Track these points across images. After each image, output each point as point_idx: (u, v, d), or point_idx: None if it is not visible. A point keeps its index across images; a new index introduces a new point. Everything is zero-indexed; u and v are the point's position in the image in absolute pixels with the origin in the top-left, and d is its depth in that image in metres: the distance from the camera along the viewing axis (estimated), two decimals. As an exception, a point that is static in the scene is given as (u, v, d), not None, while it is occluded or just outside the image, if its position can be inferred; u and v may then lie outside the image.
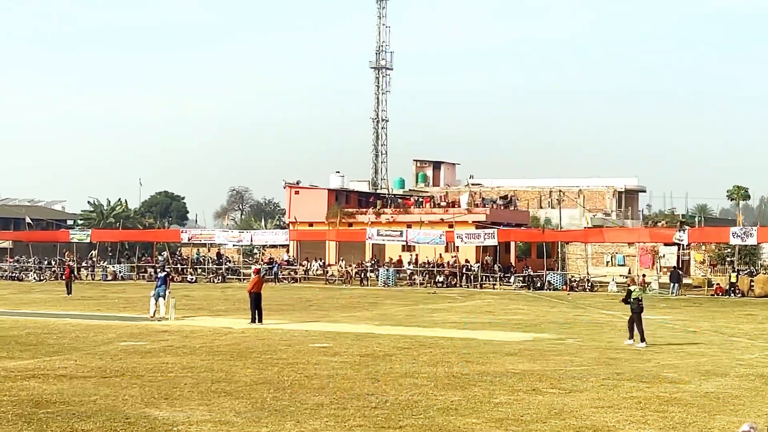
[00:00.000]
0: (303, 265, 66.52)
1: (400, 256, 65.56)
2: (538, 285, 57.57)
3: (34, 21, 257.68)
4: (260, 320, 30.66)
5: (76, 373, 18.81)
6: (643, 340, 24.66)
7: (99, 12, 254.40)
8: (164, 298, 32.81)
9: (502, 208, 73.81)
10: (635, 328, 25.00)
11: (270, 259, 68.71)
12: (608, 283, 57.39)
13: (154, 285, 34.97)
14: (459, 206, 70.01)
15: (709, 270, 63.81)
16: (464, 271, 60.88)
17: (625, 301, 25.81)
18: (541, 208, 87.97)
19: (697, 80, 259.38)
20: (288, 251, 71.20)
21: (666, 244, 63.43)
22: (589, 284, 57.53)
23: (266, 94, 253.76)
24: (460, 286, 58.93)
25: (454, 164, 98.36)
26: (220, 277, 65.22)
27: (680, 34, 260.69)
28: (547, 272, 59.36)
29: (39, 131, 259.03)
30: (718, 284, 54.18)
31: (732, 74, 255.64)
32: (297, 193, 75.61)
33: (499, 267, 61.74)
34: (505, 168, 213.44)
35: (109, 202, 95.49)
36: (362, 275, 62.50)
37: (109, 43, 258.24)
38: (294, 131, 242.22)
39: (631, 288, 26.06)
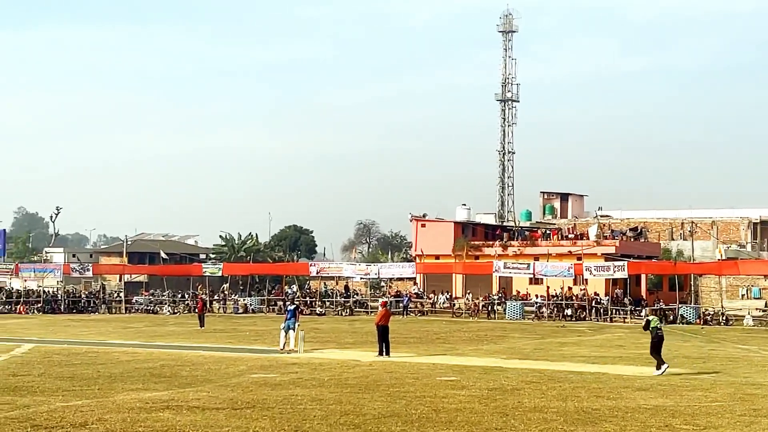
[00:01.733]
0: (429, 298, 66.48)
1: (527, 289, 64.96)
2: (671, 318, 56.24)
3: (166, 61, 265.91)
4: (387, 353, 30.72)
5: (208, 404, 19.15)
6: (659, 366, 25.69)
7: (226, 50, 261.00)
8: (294, 331, 33.15)
9: (631, 240, 72.54)
10: (655, 354, 26.11)
11: (397, 292, 68.91)
12: (744, 316, 55.68)
13: (283, 318, 35.38)
14: (587, 238, 69.09)
15: None
16: (593, 304, 59.93)
17: (645, 328, 27.05)
18: (673, 239, 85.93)
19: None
20: (415, 284, 71.31)
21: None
22: (724, 318, 55.92)
23: (392, 127, 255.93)
24: (590, 319, 58.00)
25: (581, 196, 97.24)
26: (347, 310, 65.68)
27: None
28: (680, 305, 57.96)
29: (172, 168, 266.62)
30: None
31: None
32: (423, 226, 75.79)
33: (629, 300, 60.51)
34: (634, 199, 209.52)
35: (240, 236, 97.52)
36: (489, 308, 62.12)
37: (237, 81, 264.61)
38: (420, 164, 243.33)
39: (650, 318, 27.35)
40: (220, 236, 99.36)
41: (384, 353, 30.67)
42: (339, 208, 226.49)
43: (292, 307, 35.80)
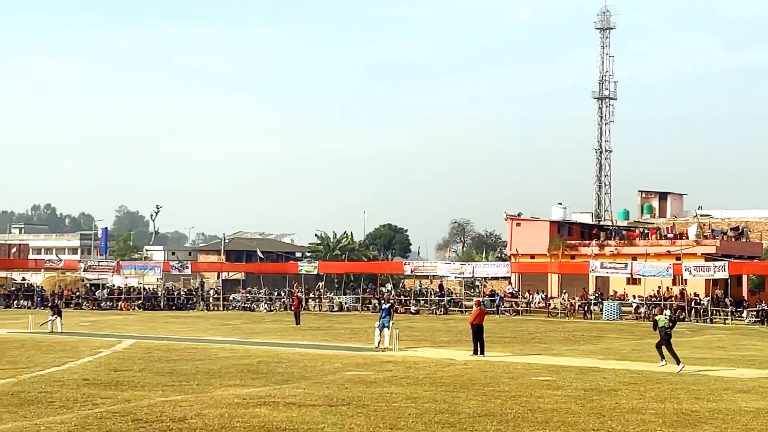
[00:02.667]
0: (525, 298, 66.01)
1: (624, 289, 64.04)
2: (773, 320, 54.89)
3: (266, 62, 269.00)
4: (482, 352, 30.61)
5: (304, 401, 19.31)
6: (678, 362, 26.62)
7: (325, 51, 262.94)
8: (388, 329, 33.21)
9: (732, 239, 70.94)
10: (668, 352, 27.21)
11: (492, 291, 68.59)
12: None
13: (378, 316, 35.50)
14: (686, 238, 67.80)
15: None
16: (693, 305, 58.78)
17: (654, 329, 28.22)
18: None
19: None
20: (510, 283, 70.87)
21: None
22: (830, 319, 54.38)
23: (488, 125, 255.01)
24: (689, 320, 56.91)
25: (681, 195, 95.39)
26: (442, 309, 65.58)
27: None
28: (783, 306, 56.49)
29: (269, 168, 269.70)
30: None
31: None
32: (518, 225, 75.26)
33: (730, 301, 59.17)
34: (735, 198, 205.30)
35: (336, 234, 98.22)
36: (585, 308, 61.42)
37: (335, 82, 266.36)
38: (515, 163, 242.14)
39: (657, 318, 28.84)
40: (316, 235, 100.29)
41: (479, 352, 30.58)
42: (434, 207, 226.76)
43: (387, 305, 35.90)
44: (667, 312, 33.97)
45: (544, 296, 65.69)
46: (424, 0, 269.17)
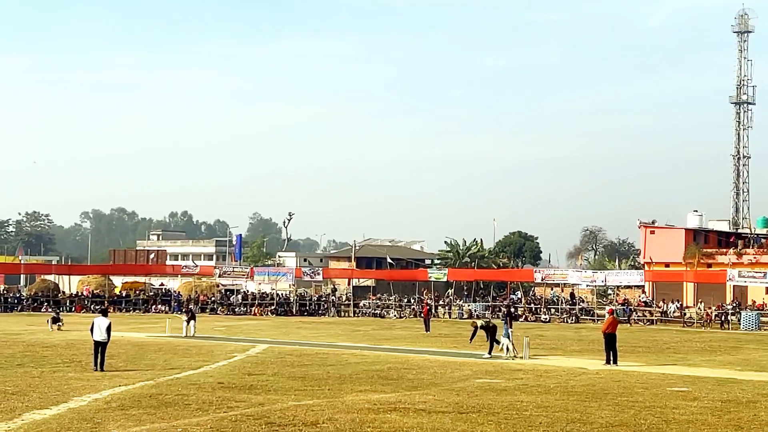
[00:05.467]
0: (659, 307, 64.66)
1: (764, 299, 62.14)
2: None
3: (400, 69, 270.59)
4: (615, 361, 30.12)
5: (434, 407, 19.32)
6: (490, 352, 32.52)
7: (458, 57, 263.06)
8: (506, 338, 33.34)
9: None
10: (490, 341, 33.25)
11: (624, 299, 67.43)
12: None
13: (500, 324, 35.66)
14: (830, 246, 65.45)
15: None
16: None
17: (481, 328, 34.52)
18: None
19: None
20: (643, 292, 69.58)
21: None
22: None
23: (621, 131, 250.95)
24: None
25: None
26: (573, 317, 64.80)
27: None
28: None
29: (399, 174, 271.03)
30: None
31: None
32: (652, 233, 73.85)
33: None
34: None
35: (465, 242, 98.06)
36: (723, 318, 59.77)
37: (467, 88, 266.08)
38: (648, 169, 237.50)
39: (478, 323, 35.61)
40: (446, 242, 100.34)
41: (611, 361, 30.11)
42: (564, 214, 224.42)
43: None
44: None
45: (679, 305, 64.21)
46: (563, 6, 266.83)
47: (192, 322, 43.12)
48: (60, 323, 47.37)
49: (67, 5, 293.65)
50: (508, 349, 32.79)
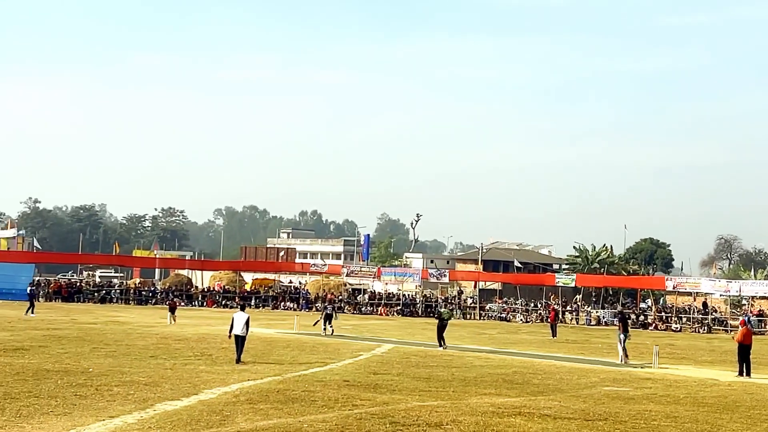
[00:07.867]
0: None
1: None
2: None
3: (529, 72, 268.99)
4: (748, 373, 29.28)
5: (559, 413, 19.10)
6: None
7: (592, 61, 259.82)
8: (619, 343, 33.66)
9: None
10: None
11: (760, 311, 65.45)
12: None
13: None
14: None
15: None
16: None
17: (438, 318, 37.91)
18: None
19: None
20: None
21: None
22: None
23: (758, 138, 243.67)
24: None
25: None
26: (705, 327, 63.24)
27: None
28: None
29: (528, 178, 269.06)
30: None
31: None
32: (791, 242, 71.45)
33: None
34: None
35: (594, 247, 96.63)
36: None
37: (600, 91, 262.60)
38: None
39: (441, 310, 39.86)
40: (574, 247, 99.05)
41: (744, 373, 29.27)
42: (698, 222, 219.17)
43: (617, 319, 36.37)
44: None
45: (818, 318, 62.02)
46: (704, 8, 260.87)
47: (328, 322, 43.14)
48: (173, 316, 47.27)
49: (208, 5, 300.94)
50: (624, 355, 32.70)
